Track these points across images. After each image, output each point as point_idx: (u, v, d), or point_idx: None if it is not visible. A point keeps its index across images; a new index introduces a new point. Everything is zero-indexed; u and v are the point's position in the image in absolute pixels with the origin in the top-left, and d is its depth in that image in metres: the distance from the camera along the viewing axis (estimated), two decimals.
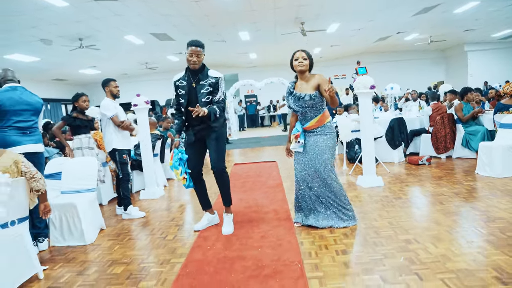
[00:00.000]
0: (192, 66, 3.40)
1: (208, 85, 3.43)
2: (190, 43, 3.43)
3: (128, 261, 3.08)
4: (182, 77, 3.53)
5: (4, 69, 3.64)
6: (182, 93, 3.48)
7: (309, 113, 3.43)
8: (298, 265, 2.67)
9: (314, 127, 3.44)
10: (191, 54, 3.38)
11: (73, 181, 3.89)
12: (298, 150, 3.50)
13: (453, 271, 2.38)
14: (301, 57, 3.41)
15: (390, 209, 3.86)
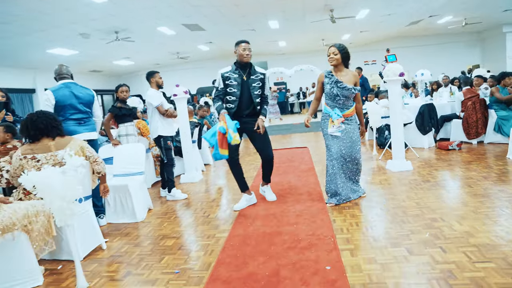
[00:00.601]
0: (246, 59, 3.86)
1: (259, 80, 3.94)
2: (240, 41, 3.92)
3: (177, 236, 3.45)
4: (232, 70, 3.94)
5: (60, 64, 4.06)
6: (233, 84, 3.89)
7: (347, 103, 3.84)
8: (331, 239, 2.95)
9: (350, 115, 3.86)
10: (244, 49, 3.85)
11: (124, 165, 4.30)
12: (337, 134, 3.82)
13: (475, 245, 2.59)
14: (332, 53, 3.77)
15: (418, 191, 4.05)
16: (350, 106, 3.86)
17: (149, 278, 2.64)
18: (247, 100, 3.91)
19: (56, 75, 4.00)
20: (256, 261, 2.70)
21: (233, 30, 13.31)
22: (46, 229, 2.89)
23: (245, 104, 3.91)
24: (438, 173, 4.79)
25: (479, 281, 2.13)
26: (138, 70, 20.47)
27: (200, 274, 2.61)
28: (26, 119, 3.05)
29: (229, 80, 3.90)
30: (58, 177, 2.39)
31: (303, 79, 18.52)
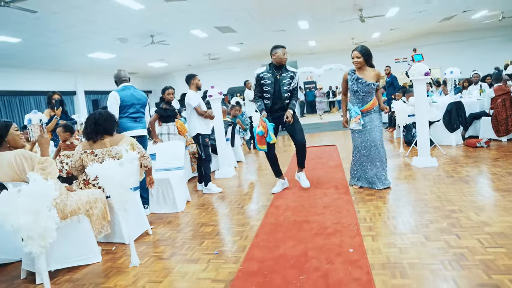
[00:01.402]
0: (284, 61, 4.45)
1: (289, 78, 4.50)
2: (279, 46, 4.47)
3: (214, 224, 3.83)
4: (266, 70, 4.52)
5: (119, 69, 4.55)
6: (268, 83, 4.46)
7: (367, 98, 4.33)
8: (355, 227, 3.23)
9: (369, 109, 4.36)
10: (284, 53, 4.44)
11: (165, 161, 4.72)
12: (358, 128, 4.37)
13: (489, 233, 2.80)
14: (355, 57, 4.24)
15: (440, 185, 4.25)
16: (369, 101, 4.34)
17: (192, 257, 3.02)
18: (279, 96, 4.48)
19: (116, 78, 4.47)
20: (286, 244, 3.03)
21: (263, 31, 13.65)
22: (103, 214, 3.34)
23: (277, 100, 4.50)
24: (463, 169, 4.94)
25: (488, 263, 2.36)
26: (171, 71, 21.23)
27: (237, 254, 2.96)
28: (93, 122, 3.48)
29: (263, 80, 4.47)
30: (116, 169, 2.81)
31: (332, 78, 18.59)
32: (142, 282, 2.69)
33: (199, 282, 2.58)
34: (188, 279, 2.64)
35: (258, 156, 8.10)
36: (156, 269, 2.88)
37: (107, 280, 2.80)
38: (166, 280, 2.66)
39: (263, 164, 6.93)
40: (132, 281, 2.72)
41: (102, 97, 18.15)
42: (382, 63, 4.38)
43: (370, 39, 17.29)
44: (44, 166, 2.68)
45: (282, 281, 2.43)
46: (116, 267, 3.01)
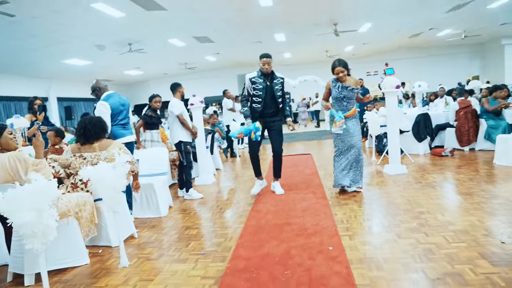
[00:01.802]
0: (266, 71, 4.71)
1: (280, 84, 4.81)
2: (263, 55, 4.73)
3: (199, 227, 3.98)
4: (257, 75, 4.77)
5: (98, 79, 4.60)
6: (259, 87, 4.72)
7: (348, 105, 4.61)
8: (333, 228, 3.46)
9: (351, 115, 4.65)
10: (264, 63, 4.69)
11: (149, 166, 4.84)
12: (339, 132, 4.61)
13: (453, 231, 3.10)
14: (340, 72, 4.51)
15: (410, 190, 4.57)
16: (351, 108, 4.65)
17: (180, 258, 3.15)
18: (271, 101, 4.77)
19: (97, 88, 4.50)
20: (270, 244, 3.22)
21: (240, 42, 13.96)
22: (91, 217, 3.43)
23: (269, 104, 4.78)
24: (430, 175, 5.30)
25: (451, 255, 2.64)
26: (146, 79, 21.19)
27: (223, 254, 3.13)
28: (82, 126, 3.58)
29: (255, 84, 4.73)
30: (109, 171, 2.93)
31: (307, 89, 19.06)
32: (133, 281, 2.80)
33: (189, 279, 2.73)
34: (178, 277, 2.78)
35: (235, 164, 8.28)
36: (146, 269, 3.00)
37: (98, 280, 2.89)
38: (157, 279, 2.79)
39: (241, 172, 7.12)
40: (123, 280, 2.83)
41: (75, 104, 17.88)
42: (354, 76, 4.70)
43: (343, 52, 17.91)
44: (39, 168, 2.78)
45: (268, 276, 2.62)
46: (105, 268, 3.10)
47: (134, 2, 8.26)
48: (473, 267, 2.45)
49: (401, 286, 2.33)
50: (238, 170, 7.50)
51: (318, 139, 11.90)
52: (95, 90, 4.54)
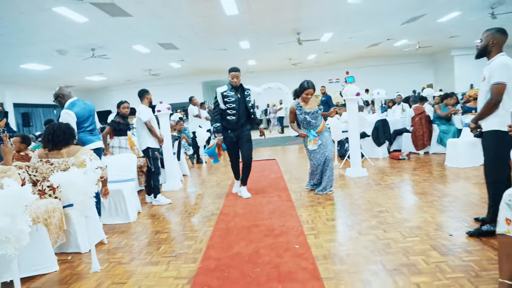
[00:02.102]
0: (235, 84, 4.93)
1: (249, 95, 5.07)
2: (231, 69, 4.94)
3: (168, 231, 4.04)
4: (228, 89, 4.96)
5: (61, 86, 4.55)
6: (232, 100, 4.92)
7: (316, 122, 4.94)
8: (299, 228, 3.65)
9: (321, 130, 4.98)
10: (233, 77, 4.90)
11: (118, 172, 4.84)
12: (315, 148, 4.94)
13: (408, 227, 3.37)
14: (310, 94, 4.83)
15: (370, 192, 4.85)
16: (319, 124, 4.96)
17: (152, 260, 3.22)
18: (243, 112, 5.00)
19: (60, 96, 4.46)
20: (239, 244, 3.35)
21: (205, 49, 14.05)
22: (60, 224, 3.42)
23: (242, 115, 5.00)
24: (388, 178, 5.63)
25: (407, 248, 2.89)
26: (109, 85, 20.77)
27: (195, 256, 3.22)
28: (51, 131, 3.56)
29: (227, 98, 4.91)
30: (80, 177, 2.96)
31: (271, 96, 19.39)
32: (106, 284, 2.84)
33: (162, 280, 2.81)
34: (151, 279, 2.85)
35: (202, 170, 8.34)
36: (118, 272, 3.05)
37: (69, 286, 2.90)
38: (130, 281, 2.85)
39: (207, 178, 7.20)
40: (95, 284, 2.86)
41: (33, 111, 17.24)
42: (317, 83, 5.00)
43: (306, 60, 18.41)
44: (8, 175, 2.77)
45: (239, 274, 2.75)
46: (75, 274, 3.11)
47: (98, 8, 8.18)
48: (425, 258, 2.70)
49: (362, 277, 2.53)
50: (205, 176, 7.57)
51: (283, 144, 12.16)
52: (58, 97, 4.50)
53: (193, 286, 2.63)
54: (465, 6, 10.97)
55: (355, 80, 6.61)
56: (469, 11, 11.50)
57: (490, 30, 3.10)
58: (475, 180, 4.96)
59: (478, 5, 10.91)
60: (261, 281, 2.59)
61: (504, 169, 3.01)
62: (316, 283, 2.50)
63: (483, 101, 3.09)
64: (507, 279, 1.96)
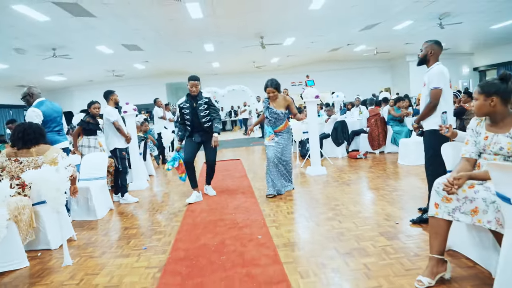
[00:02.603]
0: (193, 93, 4.91)
1: (204, 104, 4.95)
2: (190, 78, 4.93)
3: (137, 227, 4.19)
4: (185, 100, 5.03)
5: (29, 86, 4.61)
6: (187, 112, 4.96)
7: (278, 122, 5.05)
8: (262, 221, 3.92)
9: (280, 130, 5.07)
10: (191, 85, 4.89)
11: (88, 171, 4.93)
12: (271, 145, 5.01)
13: (361, 218, 3.73)
14: (271, 92, 4.93)
15: (328, 188, 5.21)
16: (279, 125, 5.05)
17: (123, 253, 3.38)
18: (197, 123, 4.96)
19: (28, 95, 4.51)
20: (206, 237, 3.58)
21: (170, 51, 14.10)
22: (29, 221, 3.50)
23: (196, 126, 4.99)
24: (346, 175, 6.03)
25: (359, 236, 3.24)
26: (69, 86, 20.25)
27: (164, 248, 3.41)
28: (21, 130, 3.63)
29: (183, 110, 5.00)
30: (53, 174, 3.08)
31: (235, 98, 19.66)
32: (79, 276, 2.97)
33: (134, 270, 2.98)
34: (124, 269, 3.02)
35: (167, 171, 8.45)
36: (90, 265, 3.18)
37: (41, 279, 3.00)
38: (102, 272, 3.00)
39: (173, 178, 7.34)
40: (68, 277, 2.98)
41: None
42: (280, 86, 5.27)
43: (270, 64, 18.82)
44: None
45: (207, 262, 2.97)
46: (47, 269, 3.21)
47: (60, 7, 8.12)
48: (374, 243, 3.05)
49: (317, 261, 2.83)
50: (170, 176, 7.70)
51: (247, 145, 12.45)
52: (26, 96, 4.55)
53: (163, 274, 2.83)
54: (417, 16, 11.71)
55: (315, 84, 7.00)
56: (420, 20, 12.30)
57: (429, 42, 3.51)
58: (422, 176, 5.38)
59: (427, 16, 11.70)
60: (227, 267, 2.83)
61: (441, 164, 3.42)
62: (277, 267, 2.76)
63: (423, 104, 3.50)
64: (436, 253, 2.31)
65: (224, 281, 2.61)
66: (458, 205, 2.25)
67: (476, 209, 2.18)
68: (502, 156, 2.34)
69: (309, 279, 2.54)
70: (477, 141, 2.47)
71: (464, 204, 2.23)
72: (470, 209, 2.20)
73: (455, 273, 2.41)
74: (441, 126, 2.86)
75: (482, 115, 2.45)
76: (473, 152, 2.48)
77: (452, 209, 2.26)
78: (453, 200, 2.26)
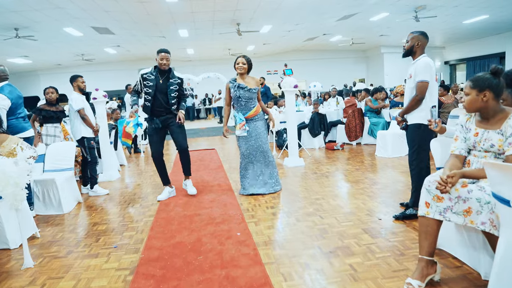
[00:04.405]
0: (163, 68, 4.40)
1: (176, 84, 4.47)
2: (160, 50, 4.40)
3: (107, 222, 3.93)
4: (150, 72, 4.44)
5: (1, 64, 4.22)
6: (150, 85, 4.38)
7: (249, 104, 4.52)
8: (240, 216, 3.74)
9: (253, 115, 4.54)
10: (162, 58, 4.36)
11: (54, 161, 4.60)
12: (243, 134, 4.52)
13: (343, 213, 3.62)
14: (241, 63, 4.52)
15: (307, 180, 5.10)
16: (252, 107, 4.52)
17: (91, 253, 3.13)
18: (162, 101, 4.42)
19: None
20: (181, 234, 3.38)
21: (143, 36, 13.58)
22: None
23: (159, 104, 4.43)
24: (324, 167, 5.94)
25: (341, 233, 3.12)
26: (35, 69, 19.29)
27: (136, 246, 3.19)
28: None
29: (146, 81, 4.41)
30: (11, 167, 2.79)
31: (210, 86, 19.26)
32: (41, 280, 2.70)
33: (103, 272, 2.75)
34: (92, 271, 2.78)
35: (139, 160, 8.15)
36: (54, 267, 2.92)
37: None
38: (68, 275, 2.75)
39: (145, 168, 7.06)
40: (28, 281, 2.71)
41: None
42: (256, 74, 4.97)
43: (245, 51, 18.48)
44: None
45: (182, 262, 2.78)
46: (5, 272, 2.92)
47: None
48: (358, 241, 2.94)
49: (300, 261, 2.69)
50: (142, 165, 7.42)
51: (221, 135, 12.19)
52: None
53: (135, 276, 2.62)
54: (393, 8, 11.73)
55: (293, 73, 6.84)
56: (396, 13, 12.34)
57: (415, 33, 3.39)
58: (401, 169, 5.41)
59: (403, 8, 11.73)
60: (205, 269, 2.65)
61: (425, 159, 3.35)
62: (258, 268, 2.61)
63: (408, 96, 3.39)
64: (426, 255, 2.21)
65: (202, 284, 2.43)
66: (450, 204, 2.14)
67: (469, 209, 2.08)
68: (492, 154, 2.25)
69: (293, 282, 2.39)
70: (467, 138, 2.37)
71: (456, 204, 2.13)
72: (462, 209, 2.10)
73: (443, 273, 2.32)
74: (430, 120, 2.75)
75: (474, 111, 2.35)
76: (463, 149, 2.39)
77: (444, 209, 2.16)
78: (445, 199, 2.15)
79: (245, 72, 4.55)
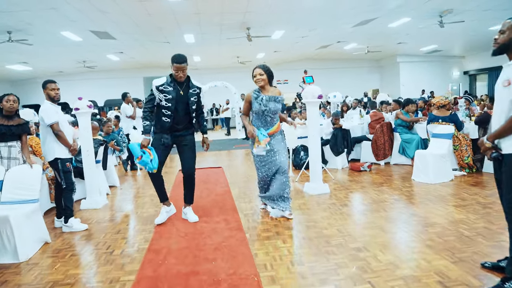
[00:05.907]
0: (179, 79, 3.79)
1: (196, 95, 3.93)
2: (175, 60, 3.74)
3: (72, 282, 2.85)
4: (166, 82, 3.81)
5: None
6: (168, 98, 3.79)
7: (273, 120, 4.02)
8: (255, 279, 2.66)
9: (275, 132, 4.06)
10: (177, 69, 3.74)
11: (13, 191, 3.57)
12: (262, 153, 3.94)
13: (402, 278, 2.52)
14: (258, 74, 3.90)
15: (338, 216, 4.00)
16: (275, 123, 4.05)
17: None
18: (183, 115, 3.91)
19: None
20: None
21: (146, 41, 12.73)
22: None
23: (181, 118, 3.92)
24: (354, 195, 4.86)
25: None
26: (36, 77, 18.49)
27: None
28: None
29: (164, 94, 3.80)
30: None
31: (217, 95, 18.33)
32: None
33: None
34: None
35: (136, 179, 7.12)
36: None
37: None
38: None
39: (142, 190, 6.02)
40: None
41: None
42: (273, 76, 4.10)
43: (255, 59, 17.54)
44: None
45: None
46: None
47: None
48: None
49: None
50: (139, 186, 6.38)
51: (229, 148, 11.17)
52: None
53: None
54: (416, 12, 10.80)
55: (314, 81, 5.81)
56: (419, 18, 11.40)
57: None
58: (454, 202, 4.30)
59: (428, 13, 10.80)
60: None
61: None
62: None
63: (504, 112, 2.31)
64: None
65: None
66: None
67: None
68: None
69: None
70: None
71: None
72: None
73: None
74: None
75: None
76: None
77: None
78: None
79: (266, 84, 4.02)
